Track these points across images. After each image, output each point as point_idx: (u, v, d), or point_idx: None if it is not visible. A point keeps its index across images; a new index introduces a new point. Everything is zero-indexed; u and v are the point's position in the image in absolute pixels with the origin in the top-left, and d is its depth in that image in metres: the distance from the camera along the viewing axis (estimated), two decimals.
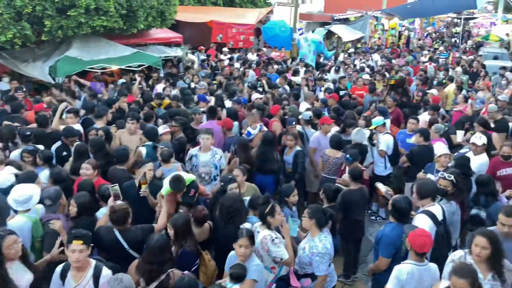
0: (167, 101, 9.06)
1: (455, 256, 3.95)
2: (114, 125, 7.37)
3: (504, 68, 14.74)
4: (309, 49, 16.63)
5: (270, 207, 4.26)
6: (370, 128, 7.57)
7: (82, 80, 10.42)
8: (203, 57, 15.88)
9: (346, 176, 5.89)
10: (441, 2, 24.12)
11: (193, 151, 6.31)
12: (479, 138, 6.37)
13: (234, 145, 7.05)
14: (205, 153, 6.21)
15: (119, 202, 4.51)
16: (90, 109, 7.86)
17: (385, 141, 7.29)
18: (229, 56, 16.33)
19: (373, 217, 7.67)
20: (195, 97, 9.31)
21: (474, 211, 5.21)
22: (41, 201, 4.55)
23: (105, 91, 10.17)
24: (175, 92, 10.10)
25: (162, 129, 6.73)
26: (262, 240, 4.13)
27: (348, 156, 6.09)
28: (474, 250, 3.74)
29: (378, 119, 7.61)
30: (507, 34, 27.20)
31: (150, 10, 11.82)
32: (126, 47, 11.91)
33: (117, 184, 4.81)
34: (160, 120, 7.61)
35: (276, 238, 4.17)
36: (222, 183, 5.37)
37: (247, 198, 4.97)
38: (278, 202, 4.86)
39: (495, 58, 18.89)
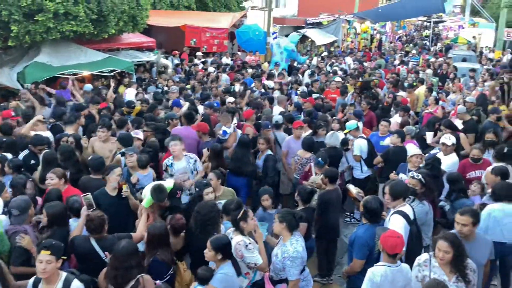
0: (138, 107, 8.93)
1: (420, 260, 4.05)
2: (85, 135, 7.23)
3: (473, 70, 15.13)
4: (281, 57, 16.74)
5: (243, 213, 4.24)
6: (345, 132, 7.67)
7: (48, 88, 10.16)
8: (177, 61, 15.78)
9: (315, 177, 5.93)
10: (410, 6, 24.68)
11: (167, 160, 6.16)
12: (448, 138, 6.56)
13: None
14: (179, 161, 6.10)
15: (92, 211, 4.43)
16: (59, 116, 7.68)
17: (359, 145, 7.38)
18: (203, 60, 16.27)
19: (347, 219, 7.74)
20: (170, 102, 9.24)
21: (440, 204, 5.52)
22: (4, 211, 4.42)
23: (78, 96, 9.96)
24: (147, 96, 10.01)
25: (133, 134, 6.64)
26: (236, 246, 4.10)
27: (320, 159, 6.17)
28: (437, 254, 3.87)
29: (351, 123, 7.72)
30: (474, 37, 28.02)
31: (122, 15, 11.62)
32: (97, 52, 11.70)
33: (89, 193, 4.71)
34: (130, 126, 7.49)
35: (249, 243, 4.14)
36: (197, 189, 5.32)
37: (223, 202, 4.94)
38: (252, 205, 4.86)
39: (464, 60, 19.35)
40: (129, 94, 10.34)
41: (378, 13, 26.72)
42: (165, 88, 11.20)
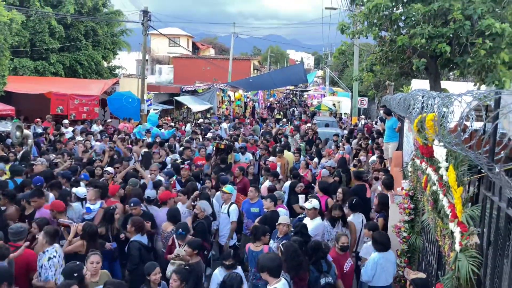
0: None
1: None
2: None
3: (336, 135, 16.58)
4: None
5: None
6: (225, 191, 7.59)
7: None
8: (40, 130, 14.53)
9: (179, 249, 5.72)
10: (278, 77, 26.87)
11: None
12: (309, 202, 6.78)
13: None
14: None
15: None
16: None
17: (235, 211, 7.33)
18: (71, 128, 15.24)
19: None
20: None
21: (323, 281, 5.16)
22: None
23: None
24: None
25: None
26: None
27: (180, 230, 6.01)
28: None
29: (228, 186, 7.69)
30: (334, 104, 31.22)
31: None
32: None
33: None
34: None
35: None
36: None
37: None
38: None
39: (327, 125, 21.26)
40: None
41: (249, 83, 28.46)
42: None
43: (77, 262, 4.72)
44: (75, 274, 4.47)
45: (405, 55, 10.81)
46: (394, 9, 10.42)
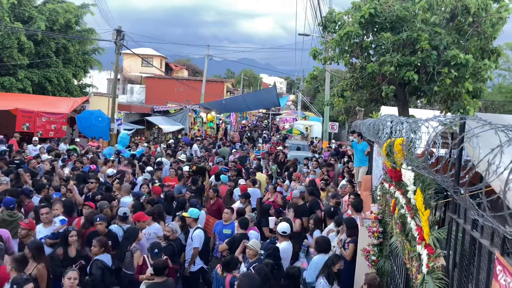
0: None
1: None
2: None
3: (307, 158, 16.72)
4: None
5: None
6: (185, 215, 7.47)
7: None
8: (3, 147, 14.02)
9: (149, 270, 5.62)
10: (251, 100, 27.10)
11: None
12: (281, 226, 6.79)
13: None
14: None
15: None
16: None
17: (198, 236, 7.20)
18: (39, 146, 14.79)
19: None
20: None
21: None
22: None
23: None
24: None
25: None
26: None
27: (156, 250, 5.95)
28: None
29: (192, 210, 7.56)
30: (306, 128, 31.61)
31: None
32: None
33: None
34: None
35: None
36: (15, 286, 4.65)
37: None
38: None
39: (298, 149, 21.44)
40: None
41: (222, 105, 28.55)
42: None
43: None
44: None
45: (375, 81, 11.15)
46: (365, 37, 10.78)
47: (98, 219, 6.79)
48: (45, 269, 5.41)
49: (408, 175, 3.69)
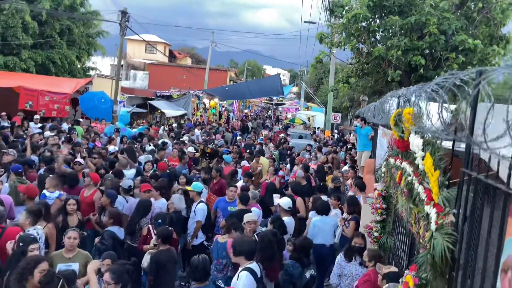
0: None
1: None
2: None
3: (309, 145, 16.84)
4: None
5: None
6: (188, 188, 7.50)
7: None
8: (5, 124, 14.02)
9: (153, 240, 5.68)
10: (254, 88, 27.01)
11: None
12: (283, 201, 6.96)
13: None
14: None
15: None
16: None
17: (201, 210, 7.22)
18: (40, 125, 14.78)
19: (183, 283, 7.32)
20: None
21: (307, 274, 5.58)
22: None
23: None
24: None
25: None
26: None
27: (160, 221, 5.99)
28: None
29: (195, 184, 7.58)
30: (309, 118, 31.60)
31: None
32: None
33: None
34: None
35: None
36: (21, 244, 4.61)
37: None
38: None
39: (300, 137, 21.58)
40: None
41: (225, 92, 28.46)
42: None
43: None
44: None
45: (381, 68, 11.07)
46: (372, 21, 10.70)
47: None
48: (54, 227, 5.55)
49: (416, 142, 3.66)
